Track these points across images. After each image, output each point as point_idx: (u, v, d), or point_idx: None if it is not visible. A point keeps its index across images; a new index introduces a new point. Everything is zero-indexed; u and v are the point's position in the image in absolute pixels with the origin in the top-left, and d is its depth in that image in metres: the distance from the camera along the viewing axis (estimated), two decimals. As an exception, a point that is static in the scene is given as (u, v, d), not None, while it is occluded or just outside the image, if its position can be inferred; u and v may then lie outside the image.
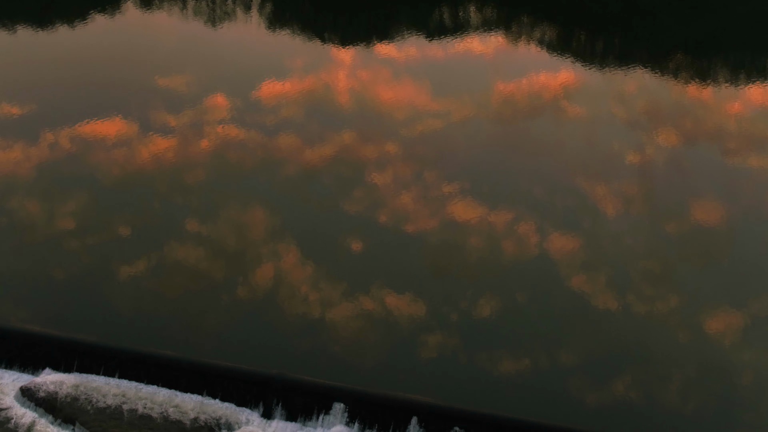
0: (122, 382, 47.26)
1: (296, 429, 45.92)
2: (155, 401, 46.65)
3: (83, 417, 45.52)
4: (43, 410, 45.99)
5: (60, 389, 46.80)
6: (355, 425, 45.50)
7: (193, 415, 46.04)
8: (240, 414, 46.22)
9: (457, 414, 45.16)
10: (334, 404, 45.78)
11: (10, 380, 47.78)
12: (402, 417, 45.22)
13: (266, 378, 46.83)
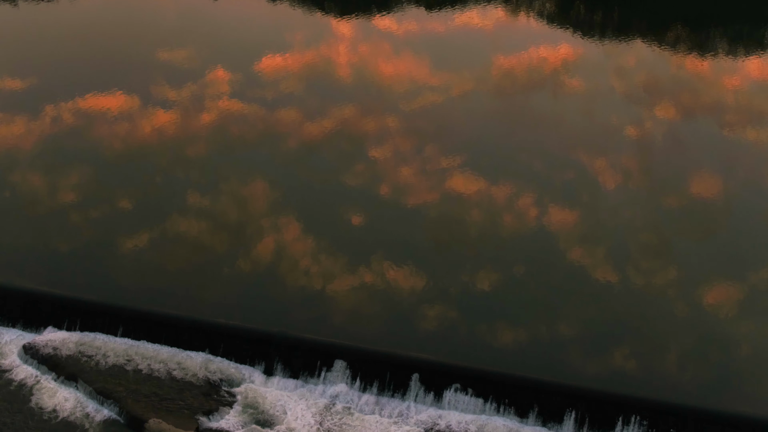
0: (125, 341, 47.39)
1: (298, 386, 46.16)
2: (158, 359, 46.82)
3: (85, 374, 45.66)
4: (46, 368, 46.17)
5: (62, 347, 46.96)
6: (357, 382, 45.75)
7: (195, 373, 46.25)
8: (242, 371, 46.38)
9: (458, 371, 45.32)
10: (336, 362, 45.95)
11: (12, 338, 48.04)
12: (403, 374, 45.45)
13: (268, 336, 46.81)
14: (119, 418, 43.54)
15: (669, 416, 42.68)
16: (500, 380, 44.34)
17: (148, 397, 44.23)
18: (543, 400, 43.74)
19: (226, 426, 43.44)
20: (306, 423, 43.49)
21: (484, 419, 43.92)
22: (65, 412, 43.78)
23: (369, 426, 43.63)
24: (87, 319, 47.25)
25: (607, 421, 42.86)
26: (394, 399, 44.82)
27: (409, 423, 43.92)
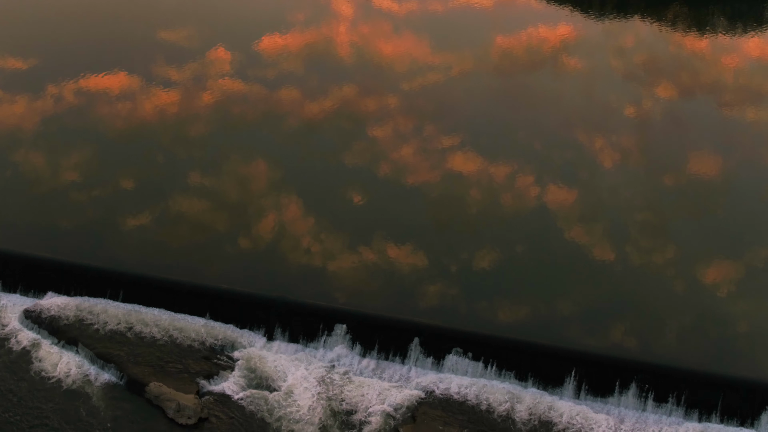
0: (125, 306, 47.33)
1: (298, 350, 46.17)
2: (158, 324, 46.79)
3: (86, 339, 45.62)
4: (47, 332, 46.17)
5: (63, 312, 46.94)
6: (357, 347, 45.80)
7: (196, 337, 46.27)
8: (242, 336, 46.35)
9: (458, 335, 45.30)
10: (336, 326, 45.94)
11: (13, 303, 48.06)
12: (403, 339, 45.43)
13: (268, 301, 46.69)
14: (120, 382, 43.54)
15: (669, 380, 42.65)
16: (500, 344, 44.20)
17: (149, 361, 44.25)
18: (542, 364, 43.69)
19: (226, 389, 43.46)
20: (306, 387, 43.52)
21: (483, 383, 43.92)
22: (66, 376, 43.79)
23: (369, 389, 43.68)
24: (88, 285, 47.07)
25: (607, 384, 42.87)
26: (395, 363, 44.84)
27: (410, 387, 43.96)
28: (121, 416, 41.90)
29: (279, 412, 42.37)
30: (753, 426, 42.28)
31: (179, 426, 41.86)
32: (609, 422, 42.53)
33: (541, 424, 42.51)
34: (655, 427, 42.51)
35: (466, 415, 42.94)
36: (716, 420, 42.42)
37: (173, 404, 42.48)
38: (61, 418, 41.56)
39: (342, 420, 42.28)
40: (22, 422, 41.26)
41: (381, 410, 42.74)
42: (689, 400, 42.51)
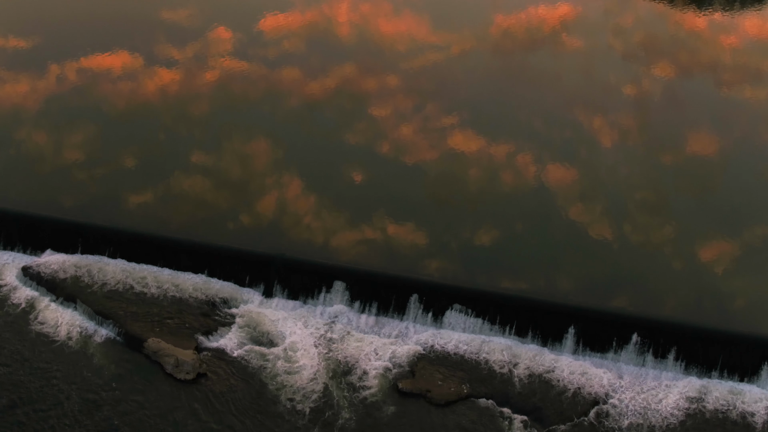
0: (124, 263, 47.07)
1: (297, 307, 45.93)
2: (157, 281, 46.49)
3: (84, 295, 45.43)
4: (45, 289, 45.97)
5: (62, 269, 46.70)
6: (356, 303, 45.59)
7: (194, 294, 46.01)
8: (241, 293, 46.13)
9: (457, 292, 45.13)
10: (335, 283, 45.70)
11: (11, 260, 47.86)
12: (402, 295, 45.25)
13: (267, 258, 46.51)
14: (118, 338, 43.42)
15: (668, 335, 42.50)
16: (500, 300, 43.99)
17: (147, 318, 44.12)
18: (542, 321, 43.49)
19: (225, 345, 43.31)
20: (305, 343, 43.39)
21: (483, 339, 43.81)
22: (64, 333, 43.72)
23: (368, 345, 43.55)
24: (86, 243, 46.79)
25: (606, 340, 42.75)
26: (394, 319, 44.66)
27: (409, 342, 43.82)
28: (119, 372, 41.75)
29: (278, 368, 42.18)
30: (752, 381, 42.20)
31: (178, 381, 41.69)
32: (608, 377, 42.42)
33: (540, 379, 42.47)
34: (654, 383, 42.43)
35: (465, 370, 42.76)
36: (716, 375, 42.34)
37: (172, 360, 42.22)
38: (60, 374, 41.51)
39: (341, 375, 42.15)
40: (20, 378, 41.23)
41: (380, 365, 42.53)
42: (689, 356, 42.37)
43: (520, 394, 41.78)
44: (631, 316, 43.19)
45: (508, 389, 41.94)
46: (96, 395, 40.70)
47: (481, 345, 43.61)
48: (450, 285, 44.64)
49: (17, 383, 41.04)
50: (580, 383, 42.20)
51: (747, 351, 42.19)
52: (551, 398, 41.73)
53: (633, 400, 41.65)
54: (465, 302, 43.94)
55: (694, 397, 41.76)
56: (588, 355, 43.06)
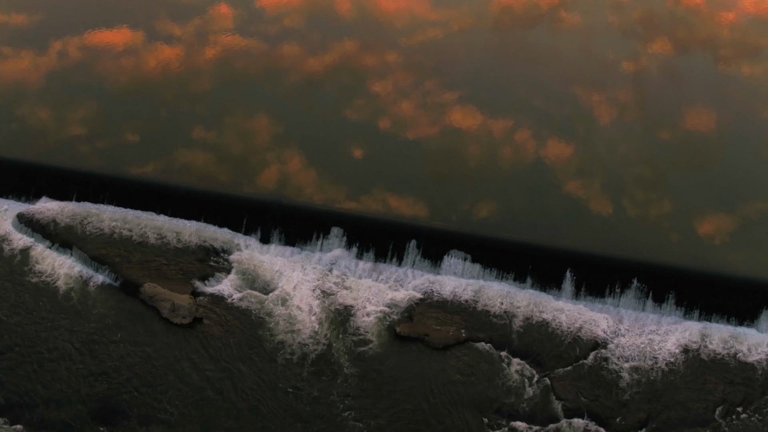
0: (120, 210, 46.63)
1: (294, 253, 45.54)
2: (153, 228, 46.02)
3: (80, 242, 45.09)
4: (40, 236, 45.65)
5: (57, 216, 46.28)
6: (353, 249, 45.27)
7: (191, 241, 45.68)
8: (238, 239, 45.81)
9: (455, 237, 44.85)
10: (333, 229, 45.36)
11: (6, 208, 47.53)
12: (400, 240, 44.92)
13: (264, 204, 46.16)
14: (114, 283, 43.23)
15: (667, 280, 42.24)
16: (499, 246, 43.63)
17: (143, 263, 43.94)
18: (541, 266, 43.16)
19: (221, 290, 43.11)
20: (302, 288, 43.16)
21: (481, 284, 43.59)
22: (60, 278, 43.58)
23: (365, 291, 43.29)
24: (82, 190, 46.30)
25: (606, 285, 42.48)
26: (391, 265, 44.39)
27: (407, 288, 43.64)
28: (115, 316, 41.68)
29: (275, 313, 42.02)
30: (752, 325, 42.10)
31: (174, 326, 41.58)
32: (607, 321, 42.26)
33: (538, 324, 42.37)
34: (654, 327, 42.28)
35: (463, 314, 42.64)
36: (716, 319, 42.13)
37: (168, 304, 42.00)
38: (55, 318, 41.59)
39: (338, 320, 42.02)
40: (16, 323, 41.23)
41: (377, 310, 42.33)
42: (689, 300, 42.10)
43: (518, 338, 41.63)
44: (630, 261, 42.68)
45: (507, 333, 41.76)
46: (91, 339, 40.64)
47: (480, 290, 43.19)
48: (448, 230, 43.97)
49: (13, 328, 40.98)
50: (579, 327, 41.95)
51: (746, 295, 41.84)
52: (550, 342, 41.58)
53: (632, 344, 41.44)
54: (463, 248, 43.25)
55: (693, 341, 41.64)
56: (587, 301, 42.63)
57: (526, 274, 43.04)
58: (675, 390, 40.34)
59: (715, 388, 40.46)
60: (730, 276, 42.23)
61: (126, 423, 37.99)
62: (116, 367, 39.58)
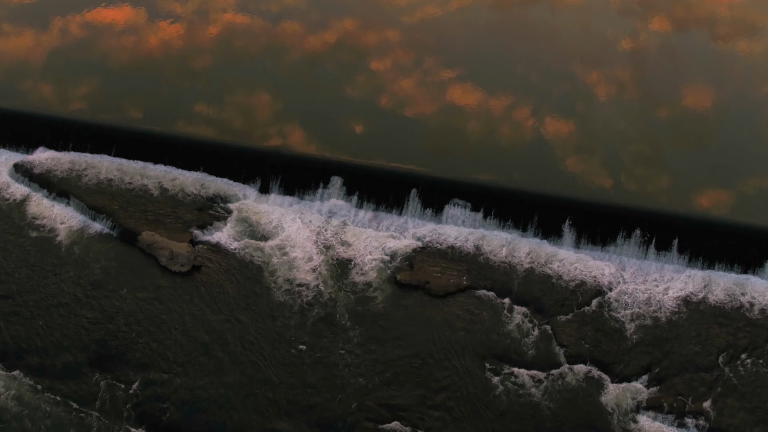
0: (118, 160, 46.28)
1: (294, 202, 45.12)
2: (151, 177, 45.57)
3: (78, 191, 44.69)
4: (38, 185, 45.32)
5: (54, 166, 45.87)
6: (353, 198, 44.81)
7: (190, 190, 45.27)
8: (237, 189, 45.41)
9: (456, 186, 44.43)
10: (332, 178, 44.90)
11: (3, 158, 47.30)
12: (401, 189, 44.52)
13: (263, 154, 45.64)
14: (112, 232, 43.01)
15: (671, 227, 41.82)
16: (500, 194, 43.08)
17: (141, 212, 43.64)
18: (543, 214, 42.66)
19: (220, 239, 42.81)
20: (301, 237, 42.78)
21: (482, 233, 43.23)
22: (57, 227, 43.40)
23: (366, 239, 42.89)
24: (79, 140, 45.81)
25: (609, 233, 42.04)
26: (392, 214, 43.91)
27: (407, 237, 43.28)
28: (113, 264, 41.55)
29: (274, 261, 41.77)
30: (756, 273, 41.88)
31: (172, 273, 41.44)
32: (610, 269, 42.02)
33: (540, 272, 42.14)
34: (657, 275, 42.05)
35: (464, 263, 42.38)
36: (720, 267, 41.80)
37: (166, 252, 41.78)
38: (53, 266, 41.50)
39: (338, 268, 41.77)
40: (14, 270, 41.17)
41: (377, 258, 42.00)
42: (692, 248, 41.69)
43: (520, 285, 41.42)
44: (633, 208, 42.17)
45: (508, 281, 41.56)
46: (89, 287, 40.58)
47: (481, 239, 42.82)
48: (450, 179, 43.37)
49: (9, 276, 40.94)
50: (581, 275, 41.73)
51: (751, 243, 41.44)
52: (552, 289, 41.41)
53: (635, 292, 41.27)
54: (465, 197, 42.69)
55: (697, 289, 41.44)
56: (589, 249, 42.23)
57: (528, 223, 42.36)
58: (678, 337, 40.15)
59: (719, 334, 40.32)
60: (734, 223, 41.61)
61: (124, 368, 38.01)
62: (114, 315, 39.40)
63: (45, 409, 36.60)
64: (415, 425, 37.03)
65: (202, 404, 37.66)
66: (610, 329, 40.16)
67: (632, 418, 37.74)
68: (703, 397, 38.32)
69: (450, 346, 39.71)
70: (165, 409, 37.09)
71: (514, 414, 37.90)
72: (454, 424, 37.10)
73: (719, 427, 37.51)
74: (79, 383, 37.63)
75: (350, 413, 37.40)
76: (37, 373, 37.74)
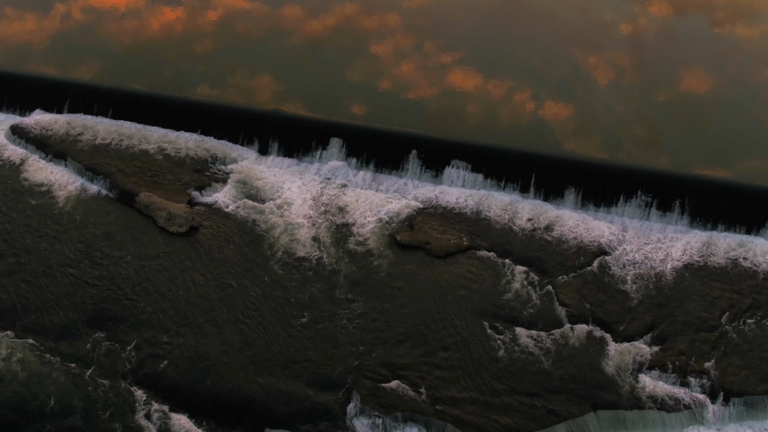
0: (116, 122, 45.98)
1: (293, 164, 44.80)
2: (149, 139, 45.18)
3: (75, 152, 44.34)
4: (34, 147, 45.13)
5: (51, 128, 45.52)
6: (353, 160, 44.57)
7: (187, 152, 44.93)
8: (236, 150, 45.11)
9: (457, 147, 44.12)
10: (332, 139, 44.63)
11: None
12: (401, 151, 44.23)
13: (262, 115, 45.32)
14: (109, 193, 42.80)
15: (674, 188, 41.46)
16: (501, 155, 42.71)
17: (139, 174, 43.30)
18: (544, 175, 42.27)
19: (218, 200, 42.52)
20: (301, 198, 42.47)
21: (483, 194, 42.95)
22: (54, 188, 43.20)
23: (365, 200, 42.53)
24: (76, 101, 45.48)
25: (610, 194, 41.75)
26: (392, 176, 43.65)
27: (407, 198, 43.01)
28: (110, 225, 41.31)
29: (273, 223, 41.48)
30: (759, 233, 41.70)
31: (170, 234, 41.24)
32: (611, 230, 41.79)
33: (541, 233, 41.83)
34: (659, 236, 41.85)
35: (464, 224, 42.07)
36: (723, 228, 41.53)
37: (164, 213, 41.49)
38: (50, 227, 41.31)
39: (338, 229, 41.52)
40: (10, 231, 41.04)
41: (377, 219, 41.72)
42: (694, 209, 41.40)
43: (521, 246, 41.13)
44: (635, 169, 41.78)
45: (509, 242, 41.26)
46: (86, 248, 40.45)
47: (481, 200, 42.46)
48: (450, 140, 43.01)
49: (5, 236, 40.76)
50: (582, 236, 41.41)
51: (754, 203, 41.16)
52: (553, 250, 41.14)
53: (637, 252, 41.00)
54: (465, 158, 42.31)
55: (700, 249, 41.21)
56: (591, 210, 41.91)
57: (529, 184, 41.98)
58: (681, 297, 39.96)
59: (722, 295, 40.14)
60: (737, 184, 41.29)
61: (121, 328, 37.92)
62: (111, 275, 39.26)
63: (42, 368, 36.47)
64: (415, 384, 36.80)
65: (201, 363, 37.53)
66: (613, 289, 39.89)
67: (635, 377, 37.53)
68: (707, 356, 38.11)
69: (450, 306, 39.48)
70: (163, 369, 36.94)
71: (515, 373, 37.70)
72: (455, 383, 36.91)
73: (722, 386, 37.28)
74: (77, 343, 37.47)
75: (350, 372, 37.26)
76: (32, 332, 37.56)
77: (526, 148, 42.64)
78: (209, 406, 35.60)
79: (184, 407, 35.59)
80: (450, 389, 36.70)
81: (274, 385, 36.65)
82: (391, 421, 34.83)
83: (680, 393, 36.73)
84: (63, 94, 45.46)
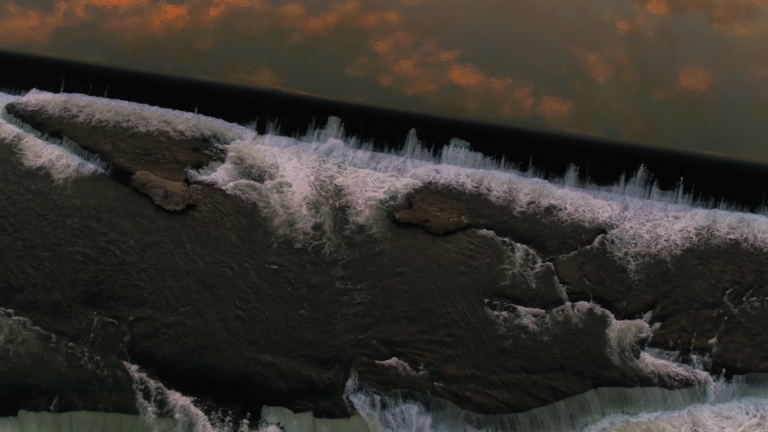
0: (112, 101, 45.74)
1: (291, 143, 44.51)
2: (145, 118, 44.90)
3: (71, 131, 44.18)
4: (30, 126, 44.95)
5: (47, 107, 45.28)
6: (351, 139, 44.31)
7: (184, 131, 44.65)
8: (233, 129, 44.85)
9: (456, 125, 43.83)
10: (330, 118, 44.38)
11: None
12: (399, 129, 43.97)
13: (260, 94, 45.01)
14: (105, 172, 42.58)
15: (675, 166, 41.15)
16: (501, 134, 42.39)
17: (135, 152, 43.05)
18: (544, 153, 41.96)
19: (215, 178, 42.26)
20: (299, 177, 42.17)
21: (483, 172, 42.71)
22: (50, 166, 43.01)
23: (363, 179, 42.22)
24: (72, 81, 45.24)
25: (611, 172, 41.43)
26: (390, 155, 43.34)
27: (406, 176, 42.77)
28: (106, 203, 41.03)
29: (271, 201, 41.24)
30: (761, 211, 41.43)
31: (167, 212, 41.02)
32: (612, 208, 41.54)
33: (542, 210, 41.62)
34: (660, 214, 41.61)
35: (464, 202, 41.83)
36: (725, 206, 41.30)
37: (160, 191, 41.23)
38: (46, 205, 41.07)
39: (336, 207, 41.26)
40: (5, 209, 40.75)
41: (376, 197, 41.43)
42: (696, 187, 41.12)
43: (521, 224, 40.92)
44: (636, 147, 41.47)
45: (509, 219, 41.04)
46: (81, 226, 40.26)
47: (481, 178, 42.17)
48: (449, 119, 42.75)
49: (2, 213, 40.43)
50: (583, 214, 41.20)
51: (756, 180, 40.90)
52: (553, 228, 40.89)
53: (638, 230, 40.76)
54: (465, 136, 42.01)
55: (702, 227, 41.00)
56: (592, 188, 41.63)
57: (528, 163, 41.74)
58: (682, 274, 39.78)
59: (724, 272, 39.98)
60: (738, 161, 41.04)
61: (117, 305, 37.74)
62: (107, 253, 39.05)
63: (39, 345, 36.28)
64: (414, 361, 36.56)
65: (197, 340, 37.34)
66: (614, 267, 39.66)
67: (636, 354, 37.33)
68: (708, 333, 37.93)
69: (450, 284, 39.27)
70: (161, 347, 36.81)
71: (515, 350, 37.52)
72: (454, 361, 36.72)
73: (725, 363, 37.12)
74: (73, 321, 37.27)
75: (347, 349, 37.10)
76: (28, 309, 37.41)
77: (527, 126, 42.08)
78: (207, 384, 35.46)
79: (181, 385, 35.41)
80: (449, 366, 36.54)
81: (271, 362, 36.48)
82: (390, 398, 34.68)
83: (682, 370, 36.57)
84: (59, 73, 45.12)
